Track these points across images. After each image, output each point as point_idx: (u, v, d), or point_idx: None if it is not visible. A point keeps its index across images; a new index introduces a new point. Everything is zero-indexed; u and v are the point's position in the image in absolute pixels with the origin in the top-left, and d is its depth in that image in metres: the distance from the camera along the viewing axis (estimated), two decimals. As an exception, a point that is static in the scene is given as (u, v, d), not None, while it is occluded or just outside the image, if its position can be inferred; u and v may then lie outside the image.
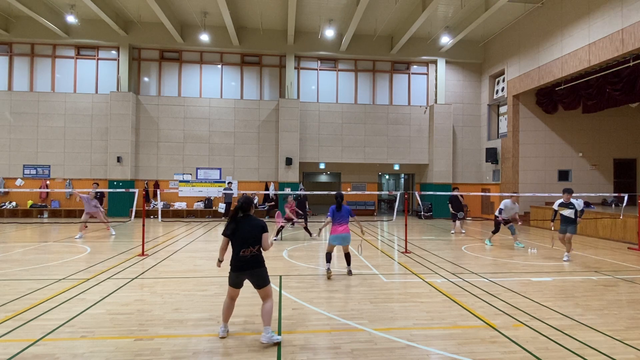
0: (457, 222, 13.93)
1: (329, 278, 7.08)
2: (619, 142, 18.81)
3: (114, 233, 12.83)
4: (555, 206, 9.29)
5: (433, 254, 9.80)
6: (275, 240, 11.82)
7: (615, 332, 4.64)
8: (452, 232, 14.07)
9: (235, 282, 4.38)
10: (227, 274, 4.45)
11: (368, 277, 7.27)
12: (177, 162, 19.72)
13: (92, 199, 12.11)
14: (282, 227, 12.11)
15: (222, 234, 4.37)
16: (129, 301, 5.67)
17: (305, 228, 12.60)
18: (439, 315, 5.20)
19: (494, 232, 11.60)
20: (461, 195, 14.19)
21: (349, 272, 7.39)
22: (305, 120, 20.31)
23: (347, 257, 7.45)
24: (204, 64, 20.20)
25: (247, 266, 4.28)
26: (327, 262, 7.26)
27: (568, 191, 9.03)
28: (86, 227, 12.56)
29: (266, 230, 4.36)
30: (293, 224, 12.77)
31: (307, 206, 14.56)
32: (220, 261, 4.56)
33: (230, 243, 4.38)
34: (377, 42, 20.20)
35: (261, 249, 4.35)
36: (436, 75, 20.98)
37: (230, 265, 4.36)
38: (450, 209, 14.00)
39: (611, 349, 4.17)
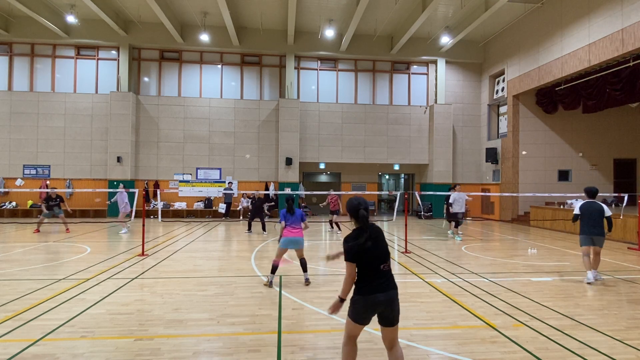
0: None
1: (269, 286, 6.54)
2: (619, 142, 18.82)
3: (125, 231, 13.14)
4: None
5: (433, 254, 9.80)
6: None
7: (615, 332, 4.64)
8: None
9: (366, 317, 3.11)
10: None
11: (368, 277, 7.26)
12: (177, 162, 19.72)
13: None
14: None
15: (349, 260, 3.08)
16: (129, 301, 5.67)
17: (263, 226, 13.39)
18: (439, 315, 5.19)
19: (457, 226, 12.46)
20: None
21: (307, 281, 6.71)
22: (305, 120, 20.31)
23: (302, 263, 6.79)
24: (204, 64, 20.20)
25: (388, 286, 3.10)
26: (271, 273, 6.54)
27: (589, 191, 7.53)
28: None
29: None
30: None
31: (265, 209, 15.32)
32: (342, 300, 3.14)
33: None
34: (377, 42, 20.20)
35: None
36: (436, 75, 20.98)
37: (358, 289, 3.10)
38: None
39: (611, 349, 4.17)
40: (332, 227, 14.32)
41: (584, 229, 7.12)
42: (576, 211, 7.34)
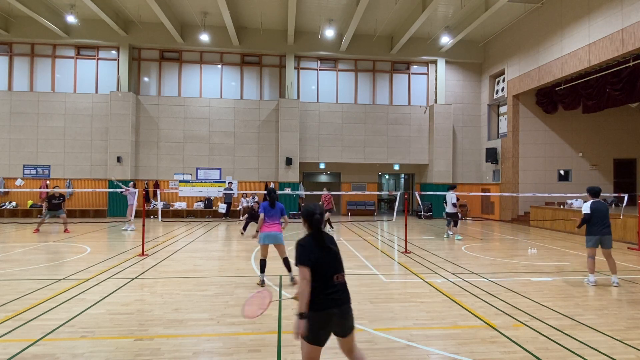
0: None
1: (261, 286, 6.51)
2: (619, 142, 18.81)
3: (133, 227, 13.46)
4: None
5: (433, 254, 9.80)
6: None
7: (615, 332, 4.64)
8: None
9: (322, 337, 2.85)
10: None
11: (368, 277, 7.27)
12: (177, 162, 19.72)
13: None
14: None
15: (302, 264, 2.85)
16: (129, 301, 5.67)
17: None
18: (439, 315, 5.19)
19: (455, 225, 12.65)
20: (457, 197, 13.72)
21: (292, 280, 6.56)
22: (305, 120, 20.31)
23: (285, 262, 6.60)
24: (204, 64, 20.20)
25: (342, 300, 2.95)
26: (261, 272, 6.58)
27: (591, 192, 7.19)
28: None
29: None
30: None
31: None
32: (303, 316, 2.77)
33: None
34: (377, 42, 20.20)
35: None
36: (436, 75, 20.98)
37: (313, 304, 2.79)
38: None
39: (611, 349, 4.16)
40: (332, 227, 14.37)
41: (594, 229, 6.86)
42: (586, 210, 6.96)
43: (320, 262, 2.85)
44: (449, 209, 12.64)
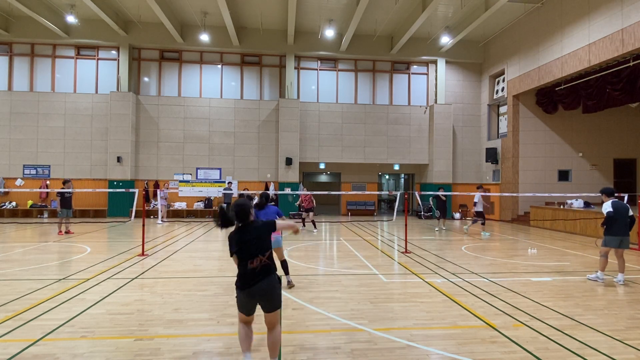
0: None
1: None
2: (619, 142, 18.81)
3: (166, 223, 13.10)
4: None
5: (433, 254, 9.80)
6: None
7: (615, 332, 4.64)
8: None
9: (246, 307, 3.52)
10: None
11: (368, 277, 7.27)
12: (177, 162, 19.72)
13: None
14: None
15: (231, 252, 3.56)
16: (129, 301, 5.67)
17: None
18: (439, 315, 5.19)
19: (483, 223, 13.45)
20: (444, 196, 15.35)
21: (289, 284, 6.46)
22: (305, 120, 20.31)
23: (283, 265, 6.45)
24: (204, 64, 20.20)
25: (257, 281, 3.45)
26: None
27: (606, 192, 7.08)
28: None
29: (273, 228, 3.66)
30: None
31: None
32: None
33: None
34: (377, 42, 20.20)
35: (272, 257, 3.61)
36: (436, 75, 20.99)
37: (236, 284, 3.53)
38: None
39: (611, 349, 4.17)
40: (304, 225, 14.50)
41: (615, 229, 6.63)
42: (609, 209, 6.64)
43: (242, 251, 3.47)
44: (478, 207, 13.44)
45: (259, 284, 3.43)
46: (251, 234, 3.53)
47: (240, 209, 3.57)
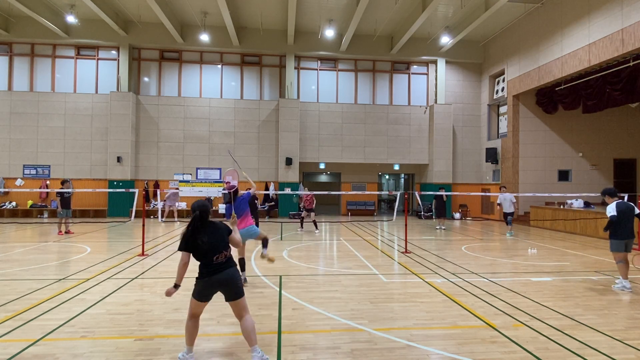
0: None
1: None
2: (619, 142, 18.81)
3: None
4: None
5: (433, 254, 9.80)
6: None
7: (615, 332, 4.64)
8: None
9: (204, 294, 3.76)
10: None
11: (368, 277, 7.27)
12: (177, 162, 19.72)
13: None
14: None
15: (180, 249, 3.77)
16: (129, 301, 5.67)
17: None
18: (439, 315, 5.19)
19: (508, 223, 13.66)
20: (445, 196, 15.53)
21: (244, 281, 6.49)
22: (305, 120, 20.31)
23: (242, 262, 6.51)
24: (204, 64, 20.20)
25: (221, 270, 3.75)
26: (241, 271, 6.44)
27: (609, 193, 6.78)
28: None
29: (230, 230, 4.00)
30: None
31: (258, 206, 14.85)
32: (176, 287, 3.73)
33: (193, 257, 3.81)
34: (377, 42, 20.20)
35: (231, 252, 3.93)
36: (436, 75, 20.98)
37: (199, 274, 3.77)
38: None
39: (611, 349, 4.17)
40: (302, 227, 14.31)
41: (620, 232, 6.33)
42: (613, 212, 6.33)
43: (201, 248, 3.72)
44: (509, 208, 13.48)
45: (222, 273, 3.74)
46: (214, 235, 3.81)
47: (203, 210, 3.82)
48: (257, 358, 3.69)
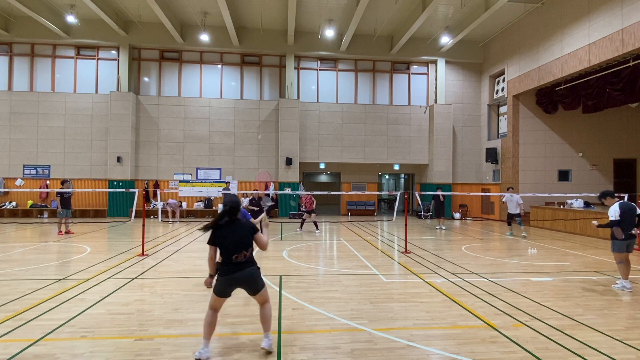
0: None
1: None
2: (619, 142, 18.81)
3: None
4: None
5: (433, 254, 9.80)
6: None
7: (615, 332, 4.64)
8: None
9: (224, 291, 3.93)
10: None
11: (368, 277, 7.27)
12: (177, 162, 19.72)
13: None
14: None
15: (208, 243, 3.99)
16: (129, 301, 5.67)
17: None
18: (439, 315, 5.19)
19: (509, 224, 13.81)
20: (443, 196, 15.53)
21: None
22: (305, 120, 20.31)
23: None
24: (204, 64, 20.20)
25: (240, 269, 3.92)
26: None
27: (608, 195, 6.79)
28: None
29: (257, 231, 4.10)
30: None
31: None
32: (211, 276, 4.07)
33: (218, 251, 4.01)
34: (377, 42, 20.20)
35: (253, 253, 4.06)
36: (436, 75, 20.98)
37: (219, 270, 3.95)
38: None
39: (611, 349, 4.17)
40: (301, 228, 14.14)
41: (623, 233, 6.32)
42: (615, 216, 6.29)
43: (224, 244, 3.91)
44: (514, 209, 13.17)
45: (240, 272, 3.91)
46: (237, 233, 3.96)
47: (232, 205, 4.00)
48: (266, 343, 3.98)
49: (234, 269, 3.89)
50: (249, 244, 4.00)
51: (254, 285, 3.99)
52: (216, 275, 3.99)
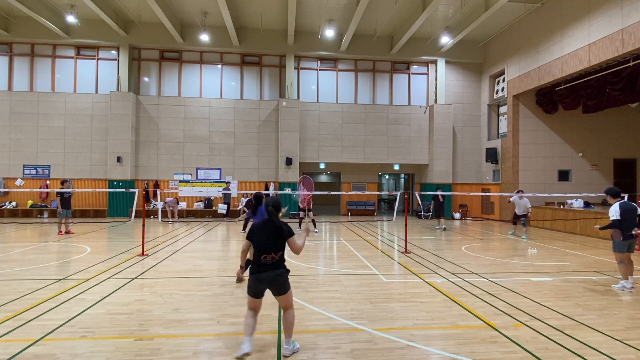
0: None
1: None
2: (619, 142, 18.80)
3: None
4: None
5: (433, 254, 9.80)
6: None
7: (615, 332, 4.64)
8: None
9: (255, 290, 3.95)
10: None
11: (368, 277, 7.27)
12: (177, 162, 19.72)
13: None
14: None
15: (247, 237, 4.11)
16: (129, 301, 5.67)
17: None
18: (439, 315, 5.19)
19: (514, 224, 14.02)
20: (442, 196, 15.46)
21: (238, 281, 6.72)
22: (305, 120, 20.31)
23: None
24: (204, 64, 20.20)
25: (267, 270, 3.93)
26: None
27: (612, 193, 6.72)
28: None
29: (293, 235, 4.07)
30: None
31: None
32: (242, 268, 4.65)
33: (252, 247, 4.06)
34: (377, 42, 20.20)
35: (284, 256, 4.06)
36: (436, 75, 20.98)
37: (250, 270, 4.03)
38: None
39: (611, 349, 4.17)
40: (300, 227, 14.14)
41: (624, 233, 6.32)
42: (616, 216, 6.27)
43: (256, 242, 3.97)
44: (522, 211, 13.21)
45: (266, 273, 3.91)
46: (272, 234, 3.97)
47: (275, 206, 4.08)
48: (287, 350, 3.96)
49: (262, 269, 3.92)
50: (280, 247, 4.00)
51: (281, 288, 3.97)
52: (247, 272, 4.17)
